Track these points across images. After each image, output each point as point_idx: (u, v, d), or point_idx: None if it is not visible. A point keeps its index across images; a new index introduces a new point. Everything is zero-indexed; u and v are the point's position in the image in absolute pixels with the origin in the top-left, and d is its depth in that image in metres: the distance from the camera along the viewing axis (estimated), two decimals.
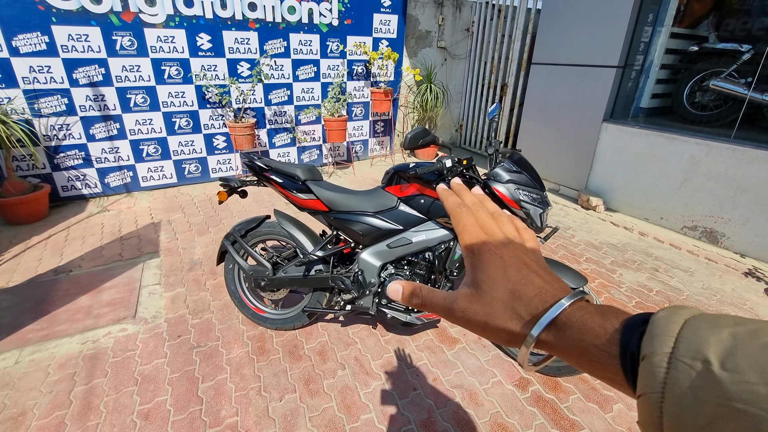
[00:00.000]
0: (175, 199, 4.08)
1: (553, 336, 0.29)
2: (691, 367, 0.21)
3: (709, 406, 0.20)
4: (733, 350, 0.21)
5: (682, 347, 0.22)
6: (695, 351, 0.22)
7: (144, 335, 2.14)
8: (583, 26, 3.87)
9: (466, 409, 1.75)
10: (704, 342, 0.22)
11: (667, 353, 0.23)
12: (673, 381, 0.22)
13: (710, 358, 0.21)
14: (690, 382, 0.21)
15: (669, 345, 0.23)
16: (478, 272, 0.33)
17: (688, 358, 0.22)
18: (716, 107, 3.59)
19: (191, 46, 3.94)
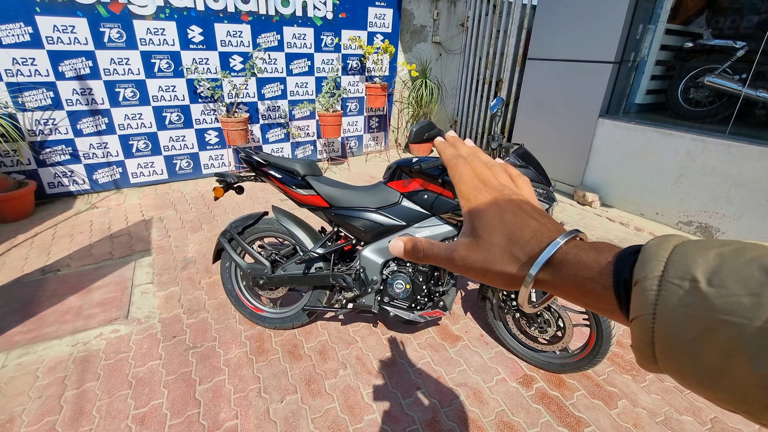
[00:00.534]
0: (167, 196, 3.98)
1: (550, 275, 0.30)
2: (680, 287, 0.23)
3: (698, 321, 0.22)
4: (719, 268, 0.22)
5: (672, 269, 0.23)
6: (684, 272, 0.23)
7: (137, 336, 2.07)
8: (578, 22, 3.86)
9: (471, 408, 1.72)
10: (692, 263, 0.23)
11: (657, 276, 0.24)
12: (663, 301, 0.23)
13: (698, 277, 0.22)
14: (679, 300, 0.22)
15: (659, 269, 0.24)
16: (476, 220, 0.34)
17: (678, 279, 0.23)
18: (710, 103, 3.62)
19: (182, 38, 3.84)
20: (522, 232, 0.32)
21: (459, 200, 0.36)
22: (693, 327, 0.22)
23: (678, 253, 0.24)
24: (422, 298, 1.87)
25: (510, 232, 0.32)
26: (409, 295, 1.86)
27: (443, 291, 1.86)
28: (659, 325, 0.23)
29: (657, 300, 0.23)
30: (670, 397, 1.81)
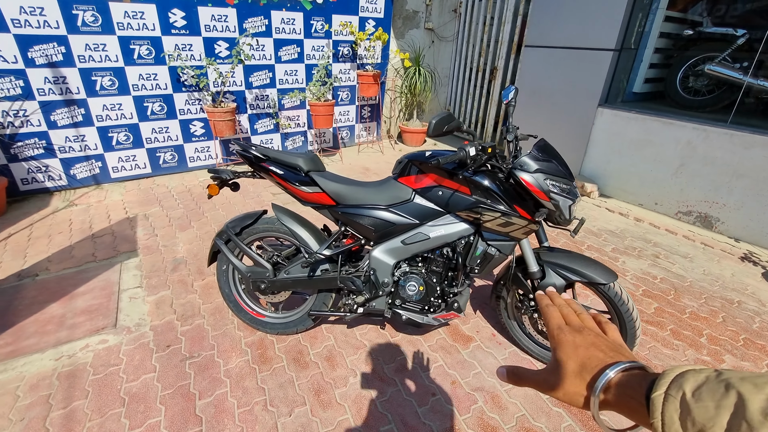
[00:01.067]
0: (151, 191, 3.76)
1: (612, 395, 0.38)
2: (675, 398, 0.32)
3: (685, 423, 0.31)
4: (701, 385, 0.32)
5: (673, 386, 0.33)
6: (679, 387, 0.33)
7: (128, 347, 1.92)
8: (579, 8, 3.76)
9: (490, 414, 1.65)
10: (686, 381, 0.33)
11: (662, 393, 0.33)
12: (666, 409, 0.33)
13: (686, 390, 0.32)
14: (675, 407, 0.32)
15: (665, 387, 0.33)
16: (558, 352, 0.44)
17: (674, 392, 0.33)
18: (709, 92, 3.59)
19: (163, 23, 3.58)
20: (590, 363, 0.41)
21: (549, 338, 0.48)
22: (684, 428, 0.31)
23: (681, 376, 0.33)
24: (436, 300, 1.77)
25: (582, 362, 0.42)
26: (423, 297, 1.76)
27: (457, 292, 1.77)
28: (666, 426, 0.32)
29: (663, 408, 0.32)
30: None
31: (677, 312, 2.32)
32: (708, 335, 2.14)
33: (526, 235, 1.63)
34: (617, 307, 1.59)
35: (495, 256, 1.64)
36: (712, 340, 2.10)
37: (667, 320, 2.24)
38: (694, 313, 2.32)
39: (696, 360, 1.96)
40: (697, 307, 2.37)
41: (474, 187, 1.56)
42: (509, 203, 1.54)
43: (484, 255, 1.64)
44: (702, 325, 2.22)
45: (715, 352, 2.02)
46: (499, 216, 1.55)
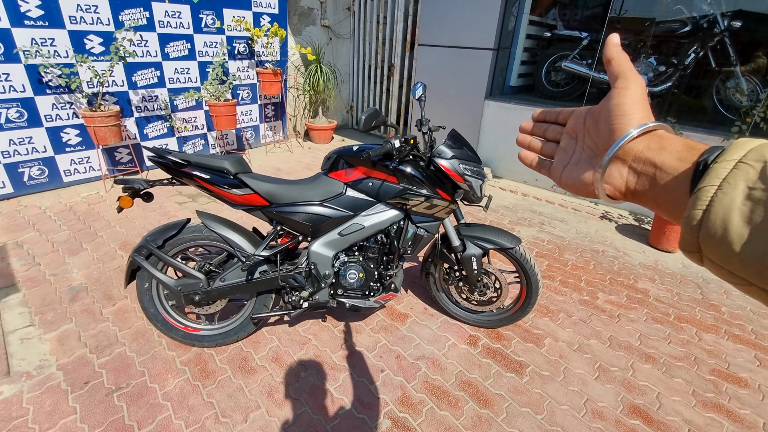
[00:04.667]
0: (18, 215, 3.15)
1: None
2: (752, 166, 0.26)
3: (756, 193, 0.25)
4: None
5: (751, 154, 0.27)
6: (759, 156, 0.26)
7: (32, 393, 1.65)
8: (462, 10, 4.21)
9: (433, 377, 1.84)
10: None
11: (735, 159, 0.27)
12: (732, 176, 0.27)
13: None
14: (745, 176, 0.26)
15: (740, 153, 0.28)
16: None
17: (752, 161, 0.27)
18: (566, 84, 4.36)
19: (11, 11, 2.99)
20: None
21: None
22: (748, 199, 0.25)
23: (763, 146, 0.27)
24: (375, 284, 1.90)
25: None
26: (363, 283, 1.87)
27: (393, 273, 1.92)
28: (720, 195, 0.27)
29: (728, 175, 0.27)
30: (579, 328, 2.21)
31: (562, 266, 2.84)
32: (585, 280, 2.67)
33: (447, 215, 1.85)
34: (523, 266, 1.91)
35: (424, 236, 1.83)
36: (589, 283, 2.63)
37: (556, 273, 2.73)
38: (574, 264, 2.86)
39: (580, 300, 2.45)
40: (575, 260, 2.93)
41: (401, 176, 1.72)
42: (432, 187, 1.74)
43: (414, 236, 1.82)
44: (580, 273, 2.76)
45: (591, 292, 2.54)
46: (424, 200, 1.74)
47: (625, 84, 0.38)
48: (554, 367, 1.94)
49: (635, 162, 0.36)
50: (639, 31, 3.83)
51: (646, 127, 0.36)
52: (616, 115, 0.37)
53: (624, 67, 0.39)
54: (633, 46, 3.87)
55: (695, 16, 3.50)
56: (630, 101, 0.37)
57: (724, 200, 0.27)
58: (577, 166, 0.43)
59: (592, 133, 0.42)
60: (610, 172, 0.38)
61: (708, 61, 3.44)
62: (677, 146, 0.34)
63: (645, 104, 0.37)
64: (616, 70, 0.39)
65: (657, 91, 3.74)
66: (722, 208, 0.27)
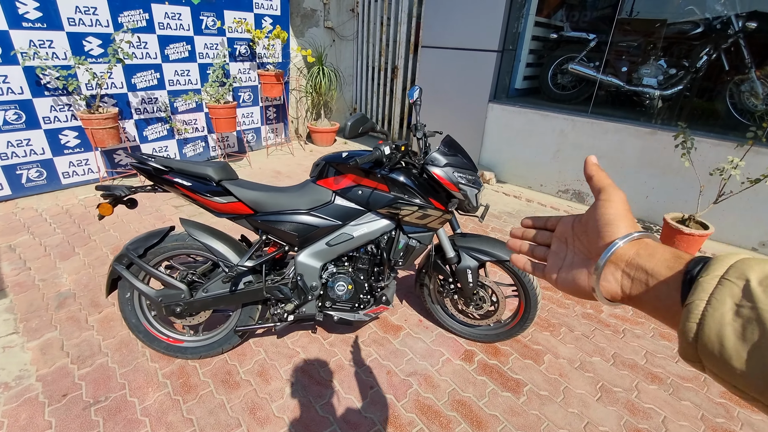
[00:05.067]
0: (14, 217, 3.14)
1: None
2: (735, 284, 0.28)
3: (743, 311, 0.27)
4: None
5: (732, 271, 0.29)
6: (740, 274, 0.29)
7: (8, 406, 1.60)
8: (466, 12, 4.12)
9: (425, 395, 1.76)
10: (749, 269, 0.29)
11: (718, 275, 0.30)
12: (717, 292, 0.29)
13: (750, 278, 0.28)
14: (730, 293, 0.28)
15: (722, 270, 0.30)
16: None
17: (734, 278, 0.29)
18: (573, 87, 4.24)
19: (8, 13, 2.98)
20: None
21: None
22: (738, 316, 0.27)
23: (741, 262, 0.30)
24: (365, 296, 1.82)
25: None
26: (352, 295, 1.79)
27: (384, 285, 1.84)
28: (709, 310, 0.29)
29: (714, 291, 0.29)
30: (581, 344, 2.10)
31: None
32: None
33: (441, 225, 1.76)
34: (521, 279, 1.82)
35: (416, 247, 1.74)
36: None
37: None
38: None
39: (583, 314, 2.34)
40: None
41: (392, 184, 1.64)
42: (424, 196, 1.65)
43: (406, 247, 1.73)
44: None
45: (595, 305, 2.43)
46: (416, 209, 1.65)
47: (608, 197, 0.42)
48: (553, 387, 1.83)
49: (628, 267, 0.38)
50: (649, 32, 3.70)
51: (633, 237, 0.38)
52: (603, 224, 0.41)
53: (605, 182, 0.43)
54: (642, 48, 3.74)
55: (708, 17, 3.36)
56: (614, 212, 0.40)
57: (715, 315, 0.29)
58: (571, 269, 0.45)
59: (581, 238, 0.44)
60: (605, 276, 0.40)
61: (721, 64, 3.30)
62: (665, 255, 0.36)
63: (629, 215, 0.41)
64: (598, 185, 0.43)
65: (667, 95, 3.61)
66: (714, 324, 0.29)
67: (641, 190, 3.52)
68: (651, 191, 3.47)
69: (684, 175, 3.22)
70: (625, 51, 3.79)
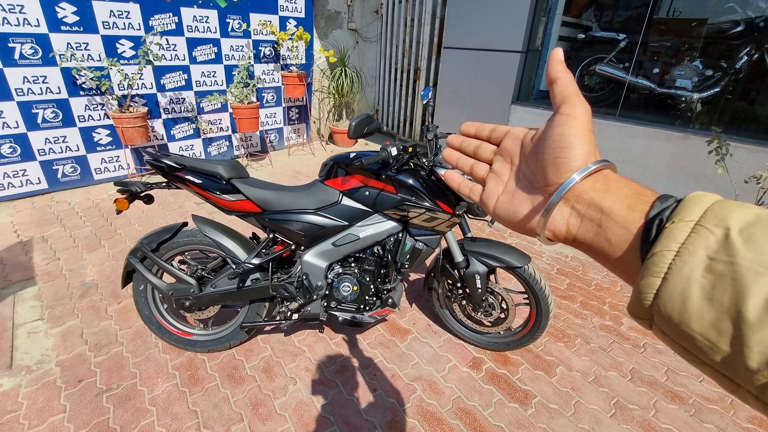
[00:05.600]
0: (49, 210, 3.32)
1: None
2: (712, 232, 0.24)
3: (717, 265, 0.23)
4: (753, 223, 0.23)
5: (709, 216, 0.25)
6: (719, 219, 0.24)
7: (28, 388, 1.69)
8: (489, 12, 4.04)
9: (428, 401, 1.72)
10: (729, 214, 0.24)
11: (693, 221, 0.25)
12: (691, 242, 0.24)
13: (731, 226, 0.23)
14: (705, 243, 0.24)
15: (698, 214, 0.25)
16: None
17: (712, 225, 0.24)
18: (601, 89, 4.07)
19: (49, 17, 3.17)
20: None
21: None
22: (709, 272, 0.23)
23: (719, 205, 0.25)
24: (371, 298, 1.81)
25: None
26: (358, 296, 1.78)
27: (391, 288, 1.82)
28: (678, 264, 0.24)
29: (686, 240, 0.24)
30: (597, 357, 2.01)
31: (585, 285, 2.62)
32: (610, 303, 2.45)
33: (449, 228, 1.73)
34: (532, 286, 1.75)
35: (423, 250, 1.71)
36: (614, 307, 2.41)
37: (577, 293, 2.52)
38: (598, 285, 2.63)
39: (601, 326, 2.23)
40: (600, 280, 2.69)
41: (399, 186, 1.62)
42: (432, 199, 1.62)
43: (412, 250, 1.71)
44: (605, 294, 2.53)
45: (615, 317, 2.32)
46: (423, 212, 1.62)
47: (571, 110, 0.34)
48: (564, 400, 1.76)
49: (578, 203, 0.33)
50: (684, 32, 3.51)
51: (590, 170, 0.32)
52: (560, 146, 0.33)
53: (569, 90, 0.35)
54: (676, 49, 3.56)
55: (750, 15, 3.15)
56: (575, 131, 0.33)
57: (683, 270, 0.24)
58: (512, 197, 0.38)
59: (530, 160, 0.37)
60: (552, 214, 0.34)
61: (763, 65, 3.08)
62: (625, 191, 0.31)
63: (591, 136, 0.34)
64: (562, 92, 0.35)
65: (703, 97, 3.41)
66: (681, 280, 0.24)
67: None
68: None
69: (718, 183, 3.03)
70: (657, 52, 3.62)
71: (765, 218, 0.23)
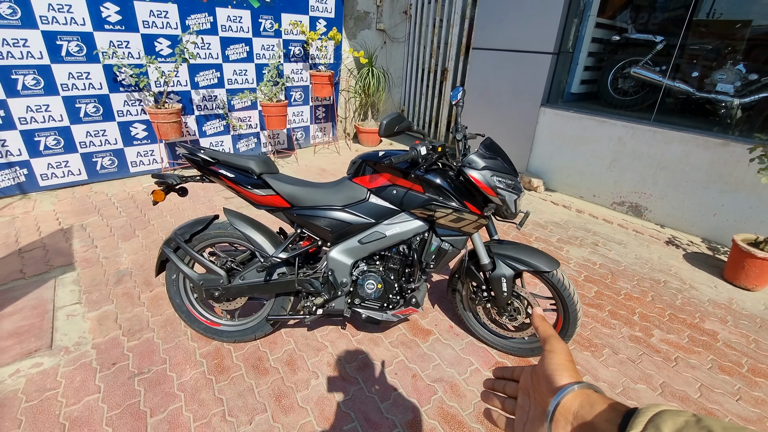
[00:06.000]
0: (88, 200, 3.48)
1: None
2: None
3: None
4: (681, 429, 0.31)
5: (650, 426, 0.32)
6: (656, 427, 0.32)
7: (66, 368, 1.78)
8: (520, 13, 3.98)
9: (449, 403, 1.71)
10: (663, 423, 0.32)
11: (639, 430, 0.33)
12: None
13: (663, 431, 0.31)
14: None
15: (642, 424, 0.33)
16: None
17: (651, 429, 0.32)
18: (635, 93, 3.95)
19: (94, 17, 3.33)
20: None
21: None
22: None
23: (659, 416, 0.33)
24: (394, 297, 1.81)
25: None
26: (381, 294, 1.78)
27: (415, 287, 1.81)
28: None
29: None
30: (625, 368, 1.95)
31: (614, 294, 2.54)
32: (640, 313, 2.36)
33: (476, 230, 1.71)
34: (560, 292, 1.71)
35: (449, 251, 1.70)
36: (643, 317, 2.32)
37: (606, 302, 2.45)
38: (628, 294, 2.55)
39: (630, 336, 2.16)
40: (630, 289, 2.61)
41: (426, 185, 1.61)
42: (460, 200, 1.61)
43: (438, 250, 1.70)
44: (635, 304, 2.45)
45: (645, 328, 2.24)
46: (451, 212, 1.62)
47: (551, 348, 0.46)
48: None
49: (575, 420, 0.40)
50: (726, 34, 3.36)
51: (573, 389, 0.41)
52: (547, 374, 0.44)
53: (548, 333, 0.48)
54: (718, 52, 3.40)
55: None
56: (557, 362, 0.44)
57: None
58: (533, 423, 0.45)
59: (537, 390, 0.46)
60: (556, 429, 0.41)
61: None
62: (603, 406, 0.38)
63: (571, 365, 0.44)
64: (543, 336, 0.48)
65: (746, 103, 3.25)
66: None
67: (708, 207, 3.19)
68: (719, 208, 3.14)
69: (760, 193, 2.88)
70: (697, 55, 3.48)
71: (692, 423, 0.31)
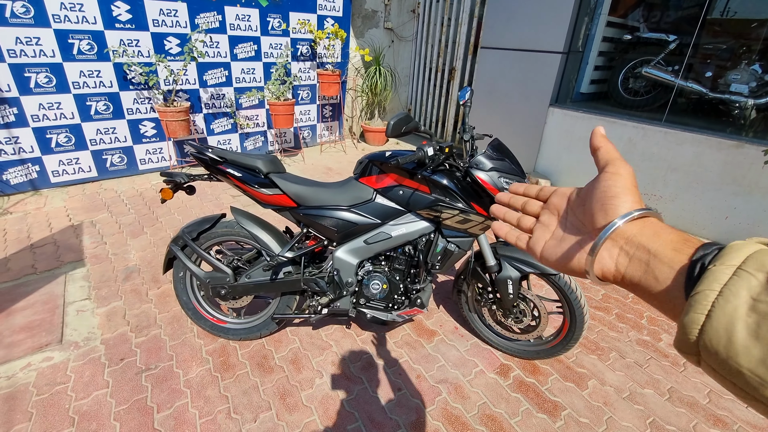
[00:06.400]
0: (97, 196, 3.53)
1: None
2: (753, 276, 0.25)
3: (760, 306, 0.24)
4: None
5: (750, 262, 0.26)
6: (761, 265, 0.26)
7: (76, 363, 1.80)
8: (529, 11, 3.94)
9: (453, 405, 1.71)
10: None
11: (735, 265, 0.27)
12: (732, 283, 0.26)
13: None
14: (747, 285, 0.25)
15: (739, 259, 0.27)
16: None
17: (753, 269, 0.26)
18: (647, 93, 3.89)
19: (105, 15, 3.36)
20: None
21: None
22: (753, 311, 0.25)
23: (761, 253, 0.27)
24: (399, 297, 1.81)
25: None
26: (387, 295, 1.78)
27: (420, 288, 1.81)
28: (721, 303, 0.26)
29: (728, 281, 0.26)
30: (632, 372, 1.92)
31: (622, 297, 2.51)
32: (648, 317, 2.33)
33: (483, 231, 1.70)
34: (567, 295, 1.70)
35: (455, 252, 1.70)
36: (652, 321, 2.29)
37: (613, 305, 2.42)
38: (635, 298, 2.51)
39: (638, 340, 2.14)
40: None
41: (433, 186, 1.61)
42: (467, 201, 1.60)
43: (444, 251, 1.69)
44: (643, 308, 2.42)
45: (653, 332, 2.21)
46: (457, 213, 1.61)
47: (616, 170, 0.39)
48: (596, 415, 1.69)
49: (627, 244, 0.35)
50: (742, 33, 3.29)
51: (633, 216, 0.35)
52: (608, 196, 0.37)
53: (613, 155, 0.40)
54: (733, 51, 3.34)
55: None
56: (621, 185, 0.37)
57: (727, 308, 0.26)
58: (560, 242, 0.42)
59: (577, 212, 0.41)
60: (600, 252, 0.37)
61: None
62: (672, 236, 0.34)
63: (636, 191, 0.38)
64: (605, 158, 0.40)
65: (761, 104, 3.18)
66: (725, 317, 0.26)
67: (720, 209, 3.14)
68: (732, 211, 3.08)
69: None
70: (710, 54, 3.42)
71: None
